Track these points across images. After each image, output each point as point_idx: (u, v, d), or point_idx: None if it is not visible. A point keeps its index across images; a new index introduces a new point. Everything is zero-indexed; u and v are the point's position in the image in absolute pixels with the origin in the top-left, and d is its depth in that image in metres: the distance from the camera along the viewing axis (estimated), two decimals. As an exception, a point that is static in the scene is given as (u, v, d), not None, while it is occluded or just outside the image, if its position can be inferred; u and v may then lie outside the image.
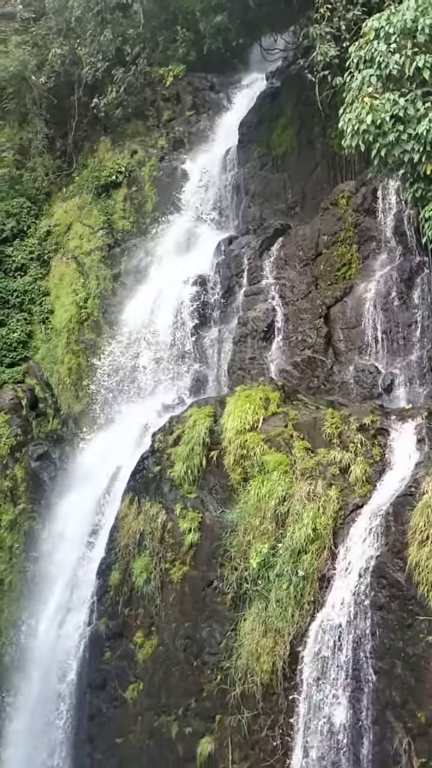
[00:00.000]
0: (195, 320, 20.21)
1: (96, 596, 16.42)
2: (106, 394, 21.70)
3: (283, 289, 18.45)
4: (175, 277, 21.25)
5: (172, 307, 20.65)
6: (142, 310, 21.73)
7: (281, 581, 12.77)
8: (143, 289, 22.60)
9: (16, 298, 25.10)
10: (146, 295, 22.15)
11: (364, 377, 16.30)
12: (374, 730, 11.15)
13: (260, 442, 14.32)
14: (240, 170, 23.06)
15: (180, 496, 15.16)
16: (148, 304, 21.67)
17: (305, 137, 21.05)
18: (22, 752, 18.17)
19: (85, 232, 25.29)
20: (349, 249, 17.64)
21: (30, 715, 18.12)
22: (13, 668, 19.73)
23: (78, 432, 22.15)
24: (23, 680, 18.86)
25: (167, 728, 14.18)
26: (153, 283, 22.37)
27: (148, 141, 26.39)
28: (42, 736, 17.31)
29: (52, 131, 27.51)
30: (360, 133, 13.49)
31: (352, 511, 12.80)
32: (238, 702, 12.91)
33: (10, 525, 21.64)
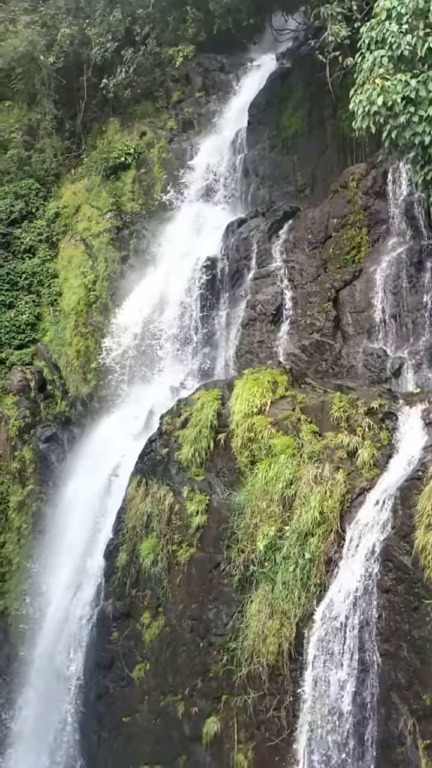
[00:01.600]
0: (203, 303, 20.19)
1: (103, 577, 16.52)
2: (114, 377, 21.74)
3: (291, 272, 18.39)
4: (184, 259, 21.22)
5: (181, 290, 20.63)
6: (151, 292, 21.72)
7: (288, 564, 12.81)
8: (151, 272, 22.58)
9: (24, 280, 25.11)
10: (154, 277, 22.14)
11: (373, 361, 16.26)
12: (379, 711, 11.21)
13: (268, 425, 14.31)
14: (249, 152, 22.94)
15: (187, 479, 15.19)
16: (156, 286, 21.65)
17: (315, 119, 20.92)
18: (30, 730, 18.39)
19: (93, 214, 25.24)
20: (359, 232, 17.56)
21: (38, 694, 18.33)
22: (21, 647, 19.93)
23: (86, 414, 22.22)
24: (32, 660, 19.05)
25: (174, 708, 14.30)
26: (161, 266, 22.34)
27: (157, 122, 26.28)
28: (50, 714, 17.49)
29: (61, 112, 27.42)
30: (371, 114, 13.41)
31: (359, 495, 12.80)
32: (244, 682, 13.00)
33: (19, 506, 21.78)
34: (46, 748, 17.45)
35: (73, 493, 20.04)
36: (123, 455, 18.42)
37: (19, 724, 19.16)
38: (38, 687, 18.51)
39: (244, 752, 12.95)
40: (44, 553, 20.07)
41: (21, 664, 19.75)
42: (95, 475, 19.29)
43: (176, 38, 25.87)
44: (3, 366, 23.86)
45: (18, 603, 20.63)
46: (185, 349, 20.31)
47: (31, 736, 18.29)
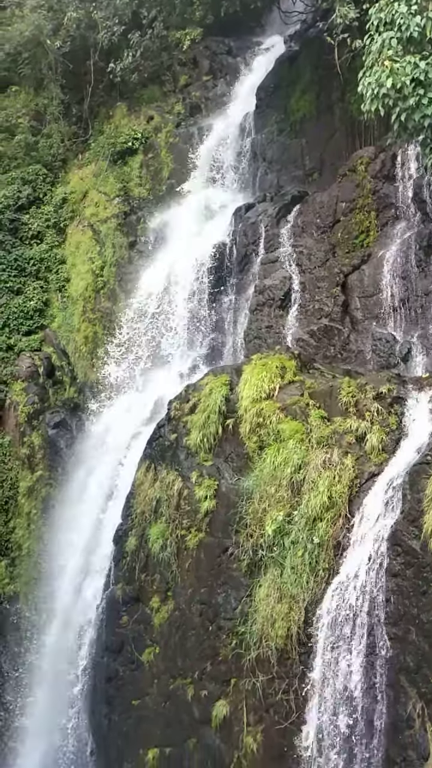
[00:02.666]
0: (211, 288, 20.15)
1: (113, 562, 16.61)
2: (123, 363, 21.75)
3: (300, 257, 18.33)
4: (192, 245, 21.17)
5: (188, 275, 20.59)
6: (158, 278, 21.69)
7: (296, 548, 12.84)
8: (159, 257, 22.55)
9: (32, 266, 25.11)
10: (162, 263, 22.10)
11: (381, 346, 16.22)
12: (388, 694, 11.25)
13: (276, 410, 14.30)
14: (257, 136, 22.82)
15: (196, 464, 15.22)
16: (164, 272, 21.62)
17: (324, 102, 20.78)
18: (42, 712, 18.58)
19: (101, 200, 25.18)
20: (368, 216, 17.46)
21: (49, 677, 18.49)
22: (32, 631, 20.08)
23: (94, 400, 22.27)
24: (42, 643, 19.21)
25: (183, 691, 14.40)
26: (169, 251, 22.30)
27: (165, 106, 26.16)
28: (61, 697, 17.65)
29: (68, 97, 27.32)
30: (380, 97, 13.28)
31: (368, 480, 12.80)
32: (253, 666, 13.07)
33: (28, 491, 21.89)
34: (57, 729, 17.63)
35: (81, 478, 20.12)
36: (131, 441, 18.47)
37: (30, 707, 19.34)
38: (49, 670, 18.68)
39: (253, 735, 13.04)
40: (54, 538, 20.17)
41: (31, 647, 19.91)
42: (104, 460, 19.36)
43: (183, 21, 25.71)
44: (12, 352, 23.91)
45: (28, 587, 20.77)
46: (193, 334, 20.29)
47: (42, 718, 18.48)
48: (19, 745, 19.37)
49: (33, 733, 18.76)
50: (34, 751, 18.40)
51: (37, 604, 20.13)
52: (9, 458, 22.47)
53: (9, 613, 20.95)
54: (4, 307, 24.37)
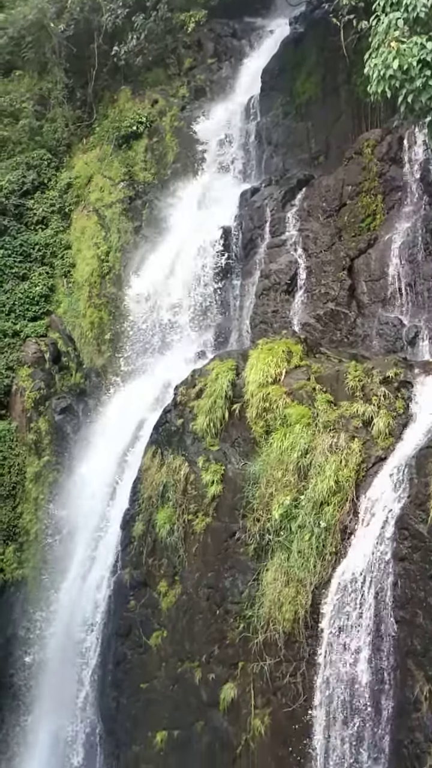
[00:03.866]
0: (217, 273, 20.11)
1: (120, 546, 16.67)
2: (128, 348, 21.75)
3: (306, 241, 18.25)
4: (197, 229, 21.10)
5: (194, 260, 20.53)
6: (164, 263, 21.63)
7: (303, 532, 12.86)
8: (165, 242, 22.47)
9: (37, 252, 25.07)
10: (168, 248, 22.03)
11: (388, 330, 16.17)
12: (395, 677, 11.30)
13: (283, 395, 14.29)
14: (262, 119, 22.68)
15: (202, 449, 15.23)
16: (169, 257, 21.56)
17: (329, 84, 20.62)
18: (50, 696, 18.71)
19: (105, 185, 25.09)
20: (374, 199, 17.37)
21: (57, 661, 18.59)
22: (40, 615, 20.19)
23: (100, 385, 22.28)
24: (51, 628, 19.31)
25: (191, 674, 14.48)
26: (174, 236, 22.23)
27: (169, 90, 26.01)
28: (69, 681, 17.76)
29: (72, 81, 27.15)
30: (386, 78, 13.15)
31: (375, 464, 12.80)
32: (261, 649, 13.14)
33: (35, 477, 21.95)
34: (66, 713, 17.76)
35: (88, 463, 20.16)
36: (138, 426, 18.49)
37: (39, 691, 19.47)
38: (57, 654, 18.78)
39: (260, 717, 13.12)
40: (61, 523, 20.24)
41: (40, 631, 20.03)
42: (110, 445, 19.39)
43: (187, 3, 25.51)
44: (18, 338, 23.90)
45: (36, 572, 20.87)
46: (199, 319, 20.26)
47: (51, 701, 18.60)
48: (29, 727, 19.53)
49: (42, 716, 18.91)
50: (43, 732, 18.55)
51: (45, 587, 20.22)
52: (16, 444, 22.52)
53: (17, 597, 21.08)
54: (9, 292, 24.35)
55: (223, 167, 23.16)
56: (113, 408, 21.00)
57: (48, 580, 20.12)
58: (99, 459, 19.71)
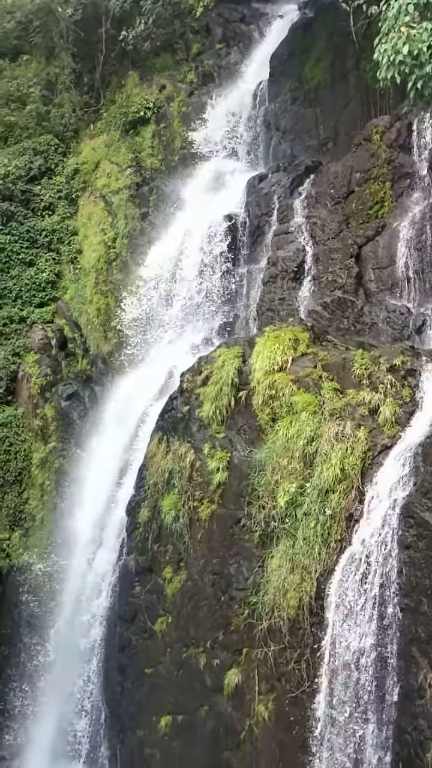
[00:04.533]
0: (224, 260, 20.05)
1: (126, 533, 16.72)
2: (135, 335, 21.74)
3: (313, 228, 18.17)
4: (204, 216, 21.03)
5: (201, 247, 20.49)
6: (171, 250, 21.60)
7: (309, 520, 12.87)
8: (172, 229, 22.42)
9: (44, 238, 25.06)
10: (175, 234, 21.98)
11: (395, 318, 16.11)
12: (399, 665, 11.32)
13: (289, 382, 14.26)
14: (271, 105, 22.57)
15: (208, 436, 15.23)
16: (176, 243, 21.52)
17: (339, 70, 20.47)
18: (56, 681, 18.84)
19: (113, 171, 25.03)
20: (382, 186, 17.26)
21: (63, 646, 18.72)
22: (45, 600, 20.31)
23: (107, 372, 22.31)
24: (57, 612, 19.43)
25: (195, 660, 14.54)
26: (181, 223, 22.17)
27: (177, 75, 25.89)
28: (74, 666, 17.88)
29: (80, 66, 27.07)
30: (396, 64, 13.05)
31: (381, 452, 12.77)
32: (265, 636, 13.17)
33: (41, 463, 22.02)
34: (71, 697, 17.90)
35: (94, 449, 20.21)
36: (144, 413, 18.51)
37: (44, 676, 19.60)
38: (62, 640, 18.90)
39: (264, 703, 13.18)
40: (67, 509, 20.32)
41: (45, 617, 20.15)
42: (116, 432, 19.42)
43: (196, -13, 25.34)
44: (24, 324, 23.95)
45: (42, 557, 20.97)
46: (206, 306, 20.23)
47: (57, 687, 18.74)
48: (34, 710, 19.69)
49: (48, 699, 19.06)
50: (49, 715, 18.70)
51: (51, 573, 20.32)
52: (22, 430, 22.60)
53: (23, 582, 21.20)
54: (16, 278, 24.37)
55: (230, 153, 23.07)
56: (119, 394, 21.01)
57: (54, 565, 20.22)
58: (105, 445, 19.75)
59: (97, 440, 20.48)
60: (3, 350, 23.45)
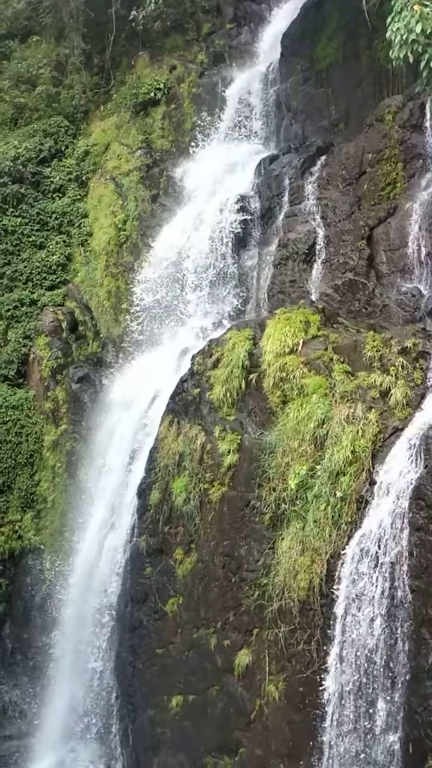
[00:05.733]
0: (234, 242, 19.97)
1: (137, 514, 16.79)
2: (145, 318, 21.72)
3: (324, 209, 18.06)
4: (215, 198, 20.92)
5: (211, 229, 20.38)
6: (181, 232, 21.50)
7: (319, 502, 12.89)
8: (182, 211, 22.32)
9: (54, 220, 25.01)
10: (185, 216, 21.89)
11: (407, 300, 16.03)
12: (409, 646, 11.37)
13: (300, 365, 14.24)
14: (282, 85, 22.37)
15: (219, 419, 15.25)
16: (187, 226, 21.42)
17: (350, 50, 20.24)
18: (68, 661, 19.00)
19: (123, 152, 24.93)
20: (395, 167, 17.13)
21: (74, 627, 18.85)
22: (57, 581, 20.46)
23: (117, 354, 22.33)
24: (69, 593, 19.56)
25: (206, 640, 14.64)
26: (192, 205, 22.08)
27: (188, 56, 25.72)
28: (87, 646, 18.03)
29: (90, 46, 26.90)
30: (408, 43, 12.97)
31: (392, 434, 12.76)
32: (276, 617, 13.24)
33: (53, 445, 22.12)
34: (83, 676, 18.06)
35: (105, 432, 20.26)
36: (154, 395, 18.53)
37: (57, 655, 19.77)
38: (74, 620, 19.02)
39: (275, 683, 13.27)
40: (78, 491, 20.42)
41: (57, 597, 20.31)
42: (127, 414, 19.46)
43: (206, -33, 25.15)
44: (35, 307, 23.97)
45: (53, 538, 21.12)
46: (216, 289, 20.17)
47: (69, 666, 18.89)
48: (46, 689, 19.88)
49: (60, 679, 19.23)
50: (62, 695, 18.88)
51: (62, 555, 20.46)
52: (33, 412, 22.68)
53: (35, 563, 21.38)
54: (27, 261, 24.36)
55: (241, 134, 22.92)
56: (130, 377, 21.04)
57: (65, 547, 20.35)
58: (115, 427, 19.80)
59: (108, 423, 20.52)
60: (14, 333, 23.51)
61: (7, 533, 21.67)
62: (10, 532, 21.71)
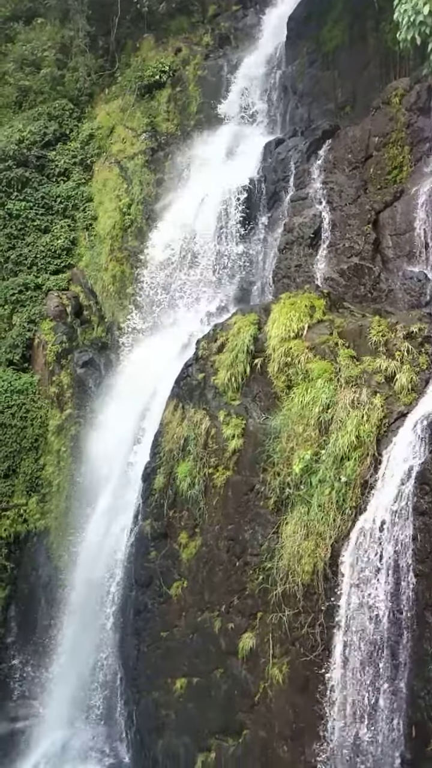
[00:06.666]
0: (240, 227, 19.89)
1: (141, 499, 16.84)
2: (150, 302, 21.70)
3: (330, 193, 17.97)
4: (220, 182, 20.83)
5: (217, 213, 20.33)
6: (186, 216, 21.43)
7: (324, 487, 12.90)
8: (187, 195, 22.23)
9: (59, 204, 24.94)
10: (190, 200, 21.80)
11: (413, 285, 15.97)
12: (413, 630, 11.41)
13: (305, 349, 14.22)
14: (288, 68, 22.22)
15: (224, 403, 15.25)
16: (192, 210, 21.34)
17: (357, 32, 20.06)
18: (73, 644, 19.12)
19: (128, 136, 24.82)
20: (401, 151, 17.02)
21: (79, 610, 18.96)
22: (62, 565, 20.57)
23: (122, 339, 22.32)
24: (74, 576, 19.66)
25: (210, 624, 14.70)
26: (197, 189, 21.97)
27: (193, 38, 25.56)
28: (91, 629, 18.13)
29: (94, 29, 26.74)
30: (416, 25, 12.86)
31: (397, 419, 12.75)
32: (280, 600, 13.28)
33: (58, 430, 22.17)
34: (88, 660, 18.17)
35: (110, 416, 20.29)
36: (159, 380, 18.54)
37: (61, 638, 19.89)
38: (79, 603, 19.13)
39: (279, 666, 13.34)
40: (84, 475, 20.48)
41: (62, 581, 20.41)
42: (132, 399, 19.48)
43: None
44: (40, 291, 23.97)
45: (58, 522, 21.21)
46: (221, 274, 20.12)
47: (74, 649, 19.00)
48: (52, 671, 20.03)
49: (66, 661, 19.36)
50: (67, 677, 19.01)
51: (67, 538, 20.55)
52: (38, 397, 22.73)
53: (41, 546, 21.49)
54: (31, 245, 24.33)
55: (246, 118, 22.79)
56: (135, 362, 21.04)
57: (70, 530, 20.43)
58: (120, 412, 19.82)
59: (112, 407, 20.54)
60: (19, 317, 23.52)
61: (12, 517, 21.79)
62: (15, 515, 21.82)
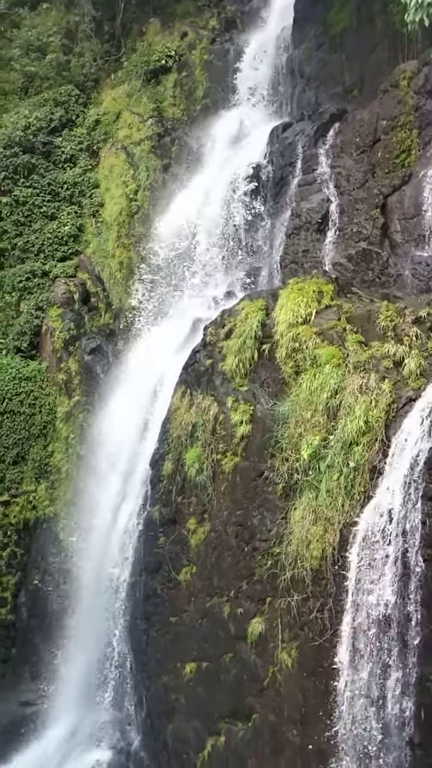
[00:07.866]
0: (247, 212, 19.81)
1: (150, 485, 16.88)
2: (157, 288, 21.66)
3: (338, 178, 17.87)
4: (227, 166, 20.77)
5: (224, 198, 20.25)
6: (193, 202, 21.36)
7: (332, 472, 12.89)
8: (194, 180, 22.16)
9: (66, 191, 24.88)
10: (197, 186, 21.73)
11: (421, 270, 15.88)
12: (421, 614, 11.41)
13: (313, 335, 14.17)
14: (295, 52, 22.02)
15: (232, 389, 15.24)
16: (198, 195, 21.27)
17: (365, 13, 19.85)
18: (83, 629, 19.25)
19: (134, 121, 24.71)
20: (409, 134, 16.89)
21: (90, 595, 19.07)
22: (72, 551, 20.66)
23: (129, 326, 22.31)
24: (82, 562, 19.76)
25: (219, 609, 14.76)
26: (204, 174, 21.91)
27: (199, 22, 25.36)
28: (101, 614, 18.23)
29: (100, 13, 26.61)
30: (424, 6, 12.77)
31: (405, 404, 12.70)
32: (288, 585, 13.30)
33: (66, 416, 22.22)
34: (98, 644, 18.28)
35: (118, 403, 20.32)
36: (167, 366, 18.54)
37: (72, 624, 20.02)
38: (89, 588, 19.25)
39: (288, 651, 13.39)
40: (92, 462, 20.53)
41: (72, 566, 20.51)
42: (140, 385, 19.49)
43: None
44: (47, 278, 23.96)
45: (67, 509, 21.29)
46: (228, 259, 20.08)
47: (84, 634, 19.13)
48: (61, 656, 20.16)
49: (74, 646, 19.50)
50: (77, 662, 19.15)
51: (76, 524, 20.63)
52: (46, 384, 22.77)
53: (50, 532, 21.58)
54: (38, 232, 24.31)
55: (253, 102, 22.64)
56: (142, 348, 21.04)
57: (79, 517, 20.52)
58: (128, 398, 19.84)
59: (120, 393, 20.56)
60: (26, 305, 23.54)
61: (21, 504, 21.88)
62: (24, 502, 21.91)
